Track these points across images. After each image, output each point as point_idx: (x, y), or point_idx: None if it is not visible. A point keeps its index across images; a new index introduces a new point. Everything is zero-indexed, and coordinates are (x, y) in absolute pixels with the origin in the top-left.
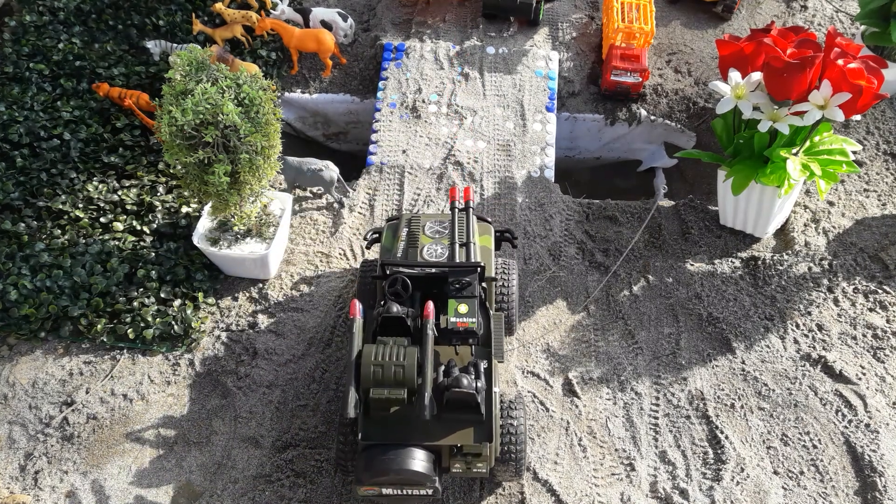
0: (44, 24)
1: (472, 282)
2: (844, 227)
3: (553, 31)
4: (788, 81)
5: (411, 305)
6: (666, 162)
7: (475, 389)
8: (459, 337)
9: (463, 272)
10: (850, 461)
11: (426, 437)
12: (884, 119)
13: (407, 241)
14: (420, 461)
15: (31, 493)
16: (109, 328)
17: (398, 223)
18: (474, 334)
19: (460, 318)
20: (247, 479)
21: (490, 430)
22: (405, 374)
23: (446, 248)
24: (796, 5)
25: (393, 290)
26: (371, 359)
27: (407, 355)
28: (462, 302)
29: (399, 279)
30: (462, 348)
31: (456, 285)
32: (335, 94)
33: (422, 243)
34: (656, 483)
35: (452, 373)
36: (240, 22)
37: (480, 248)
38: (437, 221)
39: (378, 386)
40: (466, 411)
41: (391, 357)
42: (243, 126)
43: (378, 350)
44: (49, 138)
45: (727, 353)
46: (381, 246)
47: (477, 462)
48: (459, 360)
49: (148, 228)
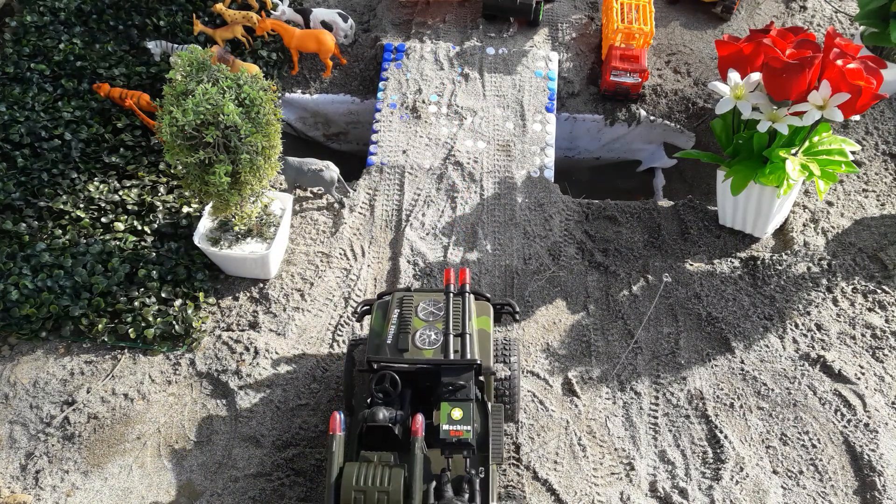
0: (45, 24)
1: (468, 382)
2: (843, 227)
3: (553, 31)
4: (787, 82)
5: (401, 405)
6: (665, 162)
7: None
8: (452, 448)
9: (458, 370)
10: (849, 461)
11: None
12: (883, 119)
13: (398, 324)
14: None
15: (32, 493)
16: (110, 328)
17: (389, 301)
18: (469, 446)
19: (454, 427)
20: (247, 478)
21: None
22: (389, 500)
23: (440, 333)
24: (795, 6)
25: (380, 388)
26: (352, 482)
27: (392, 479)
28: (456, 406)
29: (387, 376)
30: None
31: (450, 387)
32: (335, 95)
33: (414, 327)
34: (656, 482)
35: (444, 491)
36: (240, 22)
37: (478, 333)
38: (432, 301)
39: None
40: None
41: (375, 481)
42: (244, 126)
43: (360, 471)
44: (50, 138)
45: (726, 353)
46: (370, 328)
47: None
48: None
49: (149, 228)
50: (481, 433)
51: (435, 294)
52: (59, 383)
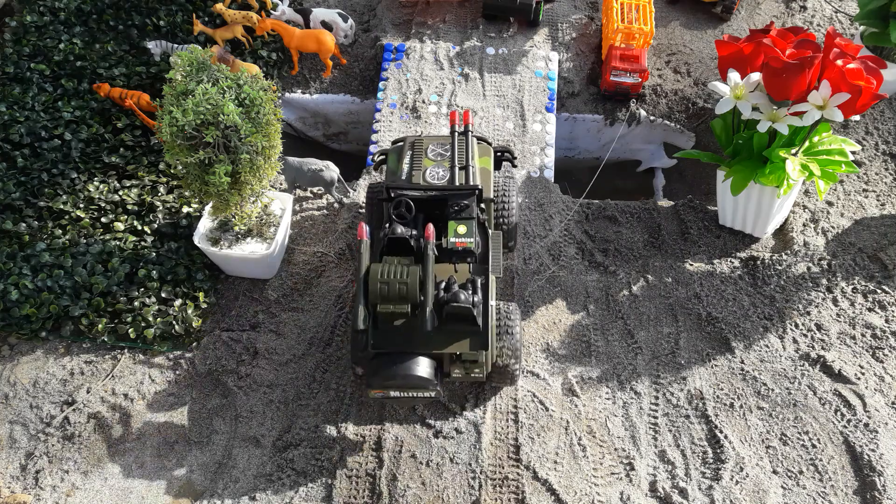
0: (45, 24)
1: (471, 204)
2: (843, 227)
3: (553, 31)
4: (787, 82)
5: (414, 226)
6: (665, 162)
7: (472, 304)
8: (458, 256)
9: (462, 195)
10: (849, 460)
11: (429, 346)
12: (883, 119)
13: (411, 163)
14: (424, 368)
15: (32, 493)
16: (110, 328)
17: (402, 146)
18: (472, 253)
19: (459, 239)
20: (248, 478)
21: (486, 339)
22: (408, 290)
23: (447, 170)
24: (795, 6)
25: (397, 212)
26: (378, 276)
27: (410, 273)
28: (461, 223)
29: (403, 202)
30: (461, 266)
31: (455, 207)
32: (335, 95)
33: (424, 166)
34: (656, 482)
35: (452, 289)
36: (240, 22)
37: (480, 170)
38: (440, 144)
39: (384, 301)
40: (464, 323)
41: (396, 275)
42: (244, 126)
43: (384, 269)
44: (50, 138)
45: (726, 353)
46: (387, 168)
47: (475, 368)
48: (459, 276)
49: (149, 228)
50: (482, 250)
51: (443, 138)
52: (59, 383)
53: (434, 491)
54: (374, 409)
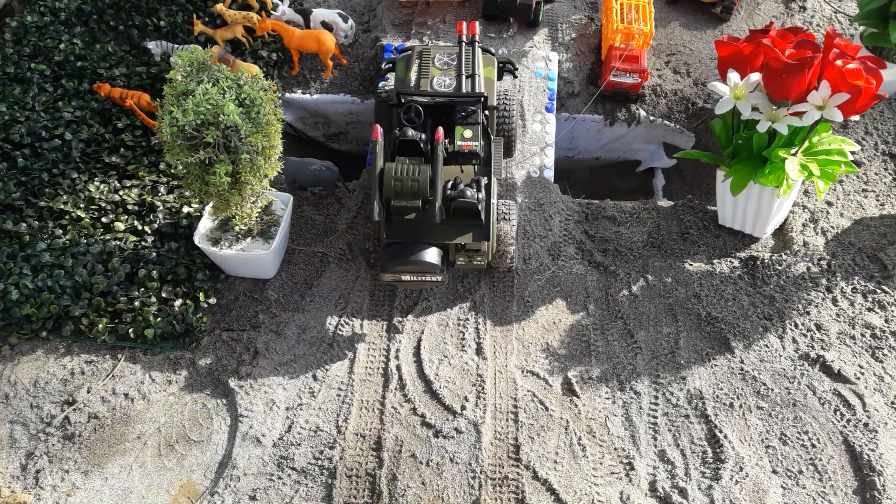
0: (45, 24)
1: (476, 110)
2: (843, 227)
3: (553, 32)
4: (787, 82)
5: (423, 130)
6: (665, 162)
7: (477, 200)
8: (464, 158)
9: (468, 101)
10: (849, 460)
11: (437, 236)
12: (882, 119)
13: (419, 71)
14: (432, 254)
15: (33, 493)
16: (111, 328)
17: (410, 55)
18: (477, 156)
19: (465, 142)
20: (248, 478)
21: (488, 232)
22: (419, 187)
23: (454, 78)
24: (795, 6)
25: (407, 117)
26: (391, 174)
27: (421, 172)
28: (467, 127)
29: (412, 107)
30: (466, 167)
31: (462, 113)
32: (336, 95)
33: (432, 74)
34: (655, 482)
35: (458, 186)
36: (241, 23)
37: (484, 79)
38: (447, 53)
39: (397, 196)
40: (469, 217)
41: (408, 173)
42: (244, 126)
43: (397, 167)
44: (50, 138)
45: (726, 353)
46: (395, 75)
47: (477, 256)
48: (464, 177)
49: (149, 228)
50: (486, 154)
51: (449, 48)
52: (60, 383)
53: (434, 491)
54: (374, 410)
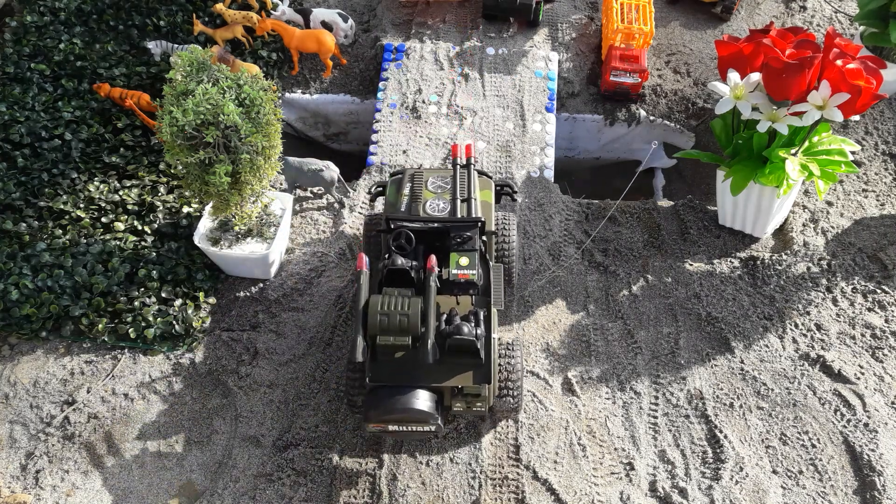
0: (45, 24)
1: (473, 236)
2: (843, 227)
3: (553, 31)
4: (787, 82)
5: (415, 258)
6: (665, 162)
7: (475, 336)
8: (460, 288)
9: (464, 227)
10: (849, 460)
11: (429, 378)
12: (882, 119)
13: (410, 195)
14: (424, 401)
15: (33, 493)
16: (110, 328)
17: (402, 178)
18: (474, 285)
19: (461, 271)
20: (248, 478)
21: (489, 372)
22: (409, 322)
23: (448, 202)
24: (795, 6)
25: (397, 244)
26: (377, 308)
27: (411, 305)
28: (463, 255)
29: (403, 233)
30: (463, 298)
31: (457, 239)
32: (335, 95)
33: (424, 198)
34: (655, 482)
35: (454, 321)
36: (240, 22)
37: (481, 203)
38: (440, 176)
39: (384, 333)
40: (467, 356)
41: (396, 307)
42: (244, 126)
43: (384, 300)
44: (50, 138)
45: (726, 353)
46: (386, 200)
47: (476, 401)
48: (461, 308)
49: (149, 228)
50: (484, 282)
51: (443, 171)
52: (60, 383)
53: (434, 491)
54: None
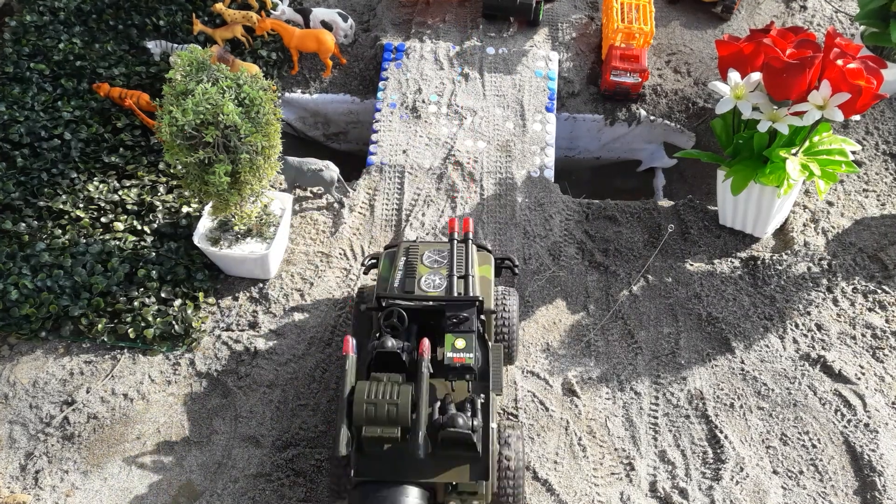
0: (44, 24)
1: (470, 316)
2: (843, 227)
3: (553, 31)
4: (788, 82)
5: (407, 338)
6: (665, 162)
7: (471, 428)
8: (456, 373)
9: (461, 306)
10: (850, 461)
11: (420, 474)
12: (883, 119)
13: (404, 270)
14: (413, 499)
15: (32, 493)
16: (110, 328)
17: (396, 251)
18: (471, 370)
19: (457, 354)
20: (247, 478)
21: (486, 467)
22: (399, 412)
23: (444, 278)
24: (796, 5)
25: (389, 323)
26: (364, 396)
27: (401, 393)
28: (459, 337)
29: (395, 312)
30: (458, 383)
31: (453, 319)
32: (335, 95)
33: (419, 273)
34: (656, 482)
35: (448, 410)
36: (240, 22)
37: (480, 279)
38: (436, 251)
39: (371, 424)
40: (462, 449)
41: (385, 395)
42: (244, 126)
43: (371, 388)
44: (50, 138)
45: (726, 353)
46: (378, 274)
47: (473, 499)
48: (456, 394)
49: (148, 228)
50: (482, 365)
51: (439, 245)
52: (59, 383)
53: None
54: None
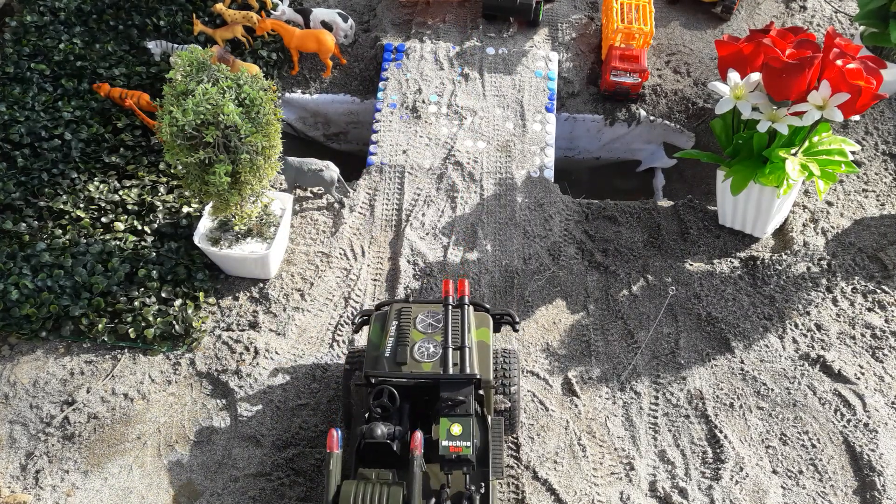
0: (45, 24)
1: (467, 398)
2: (843, 227)
3: (553, 31)
4: (787, 82)
5: (399, 420)
6: (665, 162)
7: None
8: (451, 465)
9: (457, 385)
10: (849, 460)
11: None
12: (882, 119)
13: (396, 336)
14: None
15: (32, 493)
16: (110, 328)
17: (388, 312)
18: (468, 462)
19: (453, 443)
20: (247, 477)
21: None
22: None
23: (439, 346)
24: (795, 6)
25: (379, 403)
26: (350, 500)
27: (391, 497)
28: (455, 422)
29: (386, 391)
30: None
31: (448, 402)
32: (335, 95)
33: (412, 340)
34: (655, 482)
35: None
36: (240, 22)
37: (477, 345)
38: (430, 313)
39: None
40: None
41: (373, 500)
42: (244, 126)
43: (358, 490)
44: (50, 138)
45: (726, 353)
46: (368, 339)
47: None
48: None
49: (149, 228)
50: (481, 448)
51: (433, 305)
52: (59, 383)
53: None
54: None
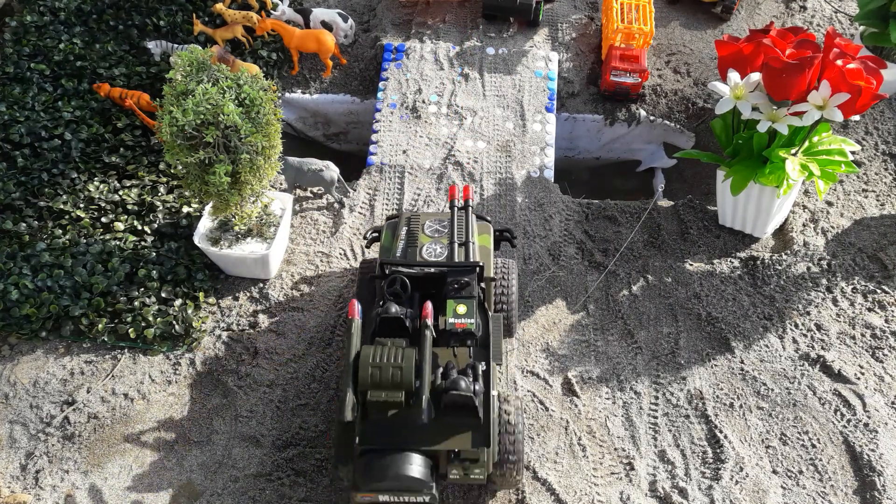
0: (45, 24)
1: (471, 282)
2: (843, 227)
3: (553, 31)
4: (787, 82)
5: (410, 305)
6: (665, 162)
7: (473, 392)
8: (457, 338)
9: (462, 272)
10: (849, 460)
11: (424, 441)
12: (882, 119)
13: (406, 240)
14: (418, 467)
15: (32, 493)
16: (110, 328)
17: (398, 222)
18: (472, 335)
19: (458, 319)
20: (247, 477)
21: (488, 434)
22: (403, 375)
23: (445, 247)
24: (795, 6)
25: (392, 290)
26: (369, 360)
27: (405, 357)
28: (460, 302)
29: (398, 279)
30: (460, 350)
31: (454, 286)
32: (335, 95)
33: (421, 242)
34: (655, 482)
35: (450, 375)
36: (240, 22)
37: (479, 248)
38: (437, 220)
39: (376, 388)
40: (464, 415)
41: (389, 359)
42: (244, 126)
43: (376, 352)
44: (50, 138)
45: (726, 353)
46: (381, 245)
47: (474, 468)
48: (458, 361)
49: (149, 228)
50: (483, 334)
51: (440, 215)
52: (59, 383)
53: None
54: None
